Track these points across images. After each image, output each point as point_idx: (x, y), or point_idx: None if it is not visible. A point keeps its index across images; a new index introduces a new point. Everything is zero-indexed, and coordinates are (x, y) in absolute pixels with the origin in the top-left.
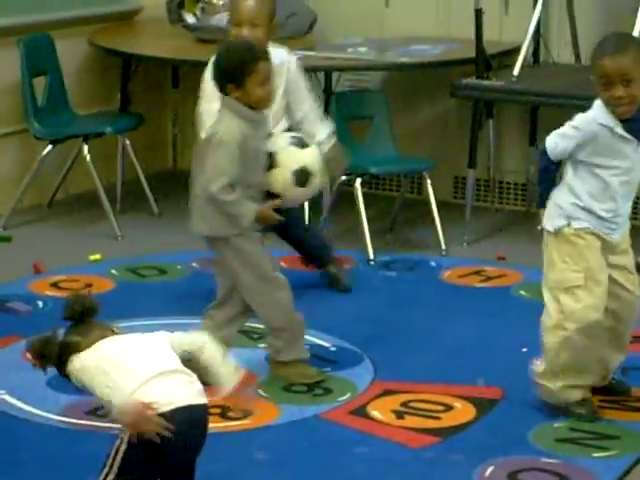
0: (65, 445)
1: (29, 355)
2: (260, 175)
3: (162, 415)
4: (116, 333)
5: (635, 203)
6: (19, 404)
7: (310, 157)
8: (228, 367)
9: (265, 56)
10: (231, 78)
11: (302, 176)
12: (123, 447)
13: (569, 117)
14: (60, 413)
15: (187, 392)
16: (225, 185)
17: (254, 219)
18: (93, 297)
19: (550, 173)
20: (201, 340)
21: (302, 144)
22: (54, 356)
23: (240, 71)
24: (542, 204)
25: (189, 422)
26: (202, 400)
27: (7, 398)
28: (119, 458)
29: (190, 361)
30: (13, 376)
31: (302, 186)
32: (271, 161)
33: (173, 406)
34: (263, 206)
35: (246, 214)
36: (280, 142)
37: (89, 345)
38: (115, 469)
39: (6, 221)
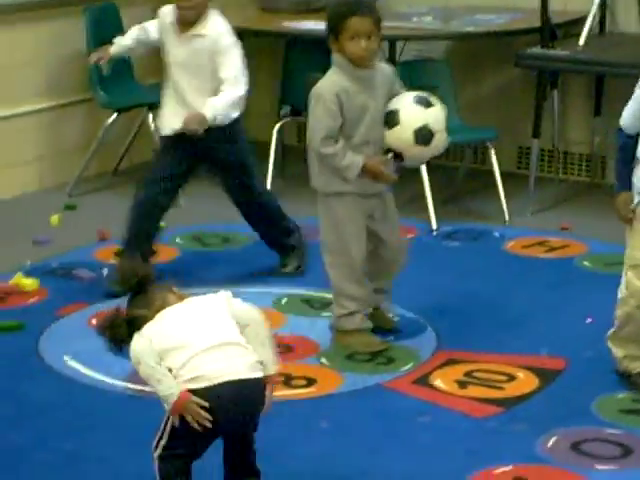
0: (130, 411)
1: (103, 337)
2: (371, 132)
3: (211, 388)
4: (176, 294)
5: None
6: (85, 370)
7: (433, 116)
8: (266, 354)
9: (361, 12)
10: (329, 32)
11: (424, 135)
12: (171, 419)
13: (635, 87)
14: (125, 380)
15: (238, 366)
16: (324, 137)
17: (360, 172)
18: (145, 263)
19: (628, 151)
20: (250, 317)
21: (427, 103)
22: (125, 335)
23: (334, 25)
24: (620, 186)
25: (238, 396)
26: (254, 374)
27: (73, 364)
28: (169, 425)
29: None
30: (79, 342)
31: (424, 145)
32: (393, 118)
33: (222, 380)
34: (371, 159)
35: (350, 166)
36: (404, 100)
37: (153, 315)
38: (167, 435)
39: (72, 189)
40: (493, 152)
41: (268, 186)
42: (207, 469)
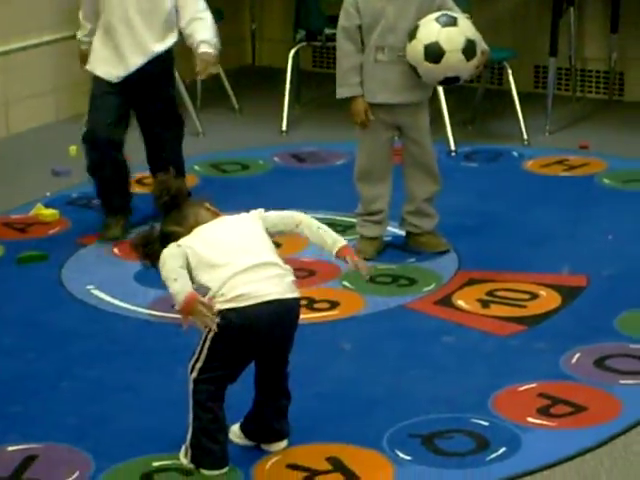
0: (154, 338)
1: (137, 257)
2: (386, 38)
3: (249, 308)
4: (210, 210)
5: None
6: (109, 298)
7: (447, 35)
8: (329, 235)
9: None
10: None
11: (433, 52)
12: (210, 335)
13: None
14: (149, 307)
15: (277, 286)
16: (338, 35)
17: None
18: (178, 179)
19: None
20: (296, 220)
21: (446, 22)
22: (159, 252)
23: None
24: None
25: (275, 316)
26: (290, 294)
27: (97, 292)
28: (206, 346)
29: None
30: (102, 271)
31: (433, 62)
32: (413, 33)
33: (260, 300)
34: (360, 102)
35: (346, 83)
36: (428, 17)
37: (188, 232)
38: (203, 357)
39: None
40: (510, 72)
41: (285, 113)
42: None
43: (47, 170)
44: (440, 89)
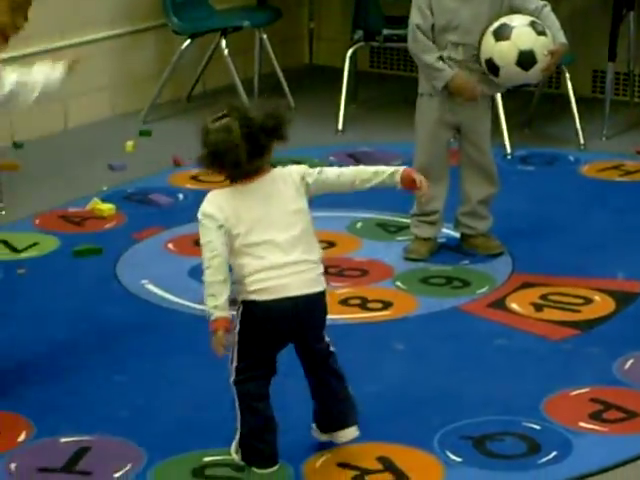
0: (207, 333)
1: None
2: (463, 37)
3: (269, 302)
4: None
5: None
6: (162, 293)
7: (542, 44)
8: (383, 171)
9: None
10: None
11: (527, 59)
12: (237, 330)
13: None
14: (202, 302)
15: (300, 282)
16: (411, 36)
17: (447, 83)
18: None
19: None
20: (350, 180)
21: (540, 31)
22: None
23: None
24: None
25: (295, 310)
26: (315, 289)
27: (151, 287)
28: (236, 345)
29: None
30: (156, 266)
31: (522, 68)
32: (505, 32)
33: (281, 295)
34: (461, 75)
35: (440, 74)
36: (520, 19)
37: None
38: (236, 355)
39: (146, 115)
40: (568, 76)
41: (341, 112)
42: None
43: (104, 165)
44: (498, 93)
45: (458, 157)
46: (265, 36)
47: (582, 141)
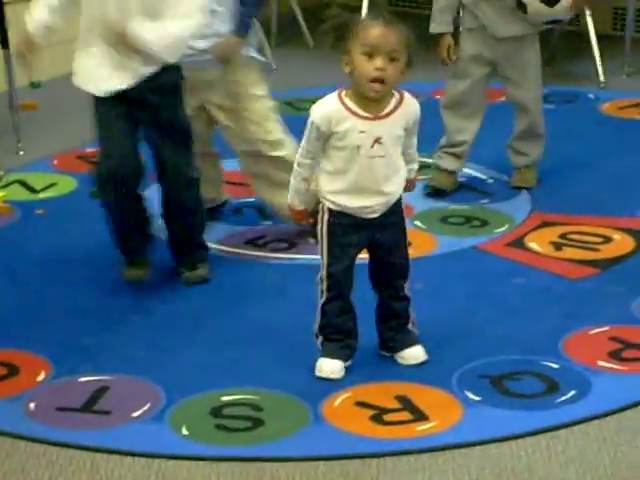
0: (225, 273)
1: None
2: None
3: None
4: None
5: None
6: None
7: None
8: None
9: None
10: None
11: None
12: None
13: None
14: (220, 242)
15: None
16: None
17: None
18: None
19: None
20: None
21: None
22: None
23: None
24: None
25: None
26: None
27: None
28: (325, 228)
29: None
30: None
31: (547, 4)
32: None
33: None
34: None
35: (438, 15)
36: None
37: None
38: (325, 237)
39: None
40: (588, 13)
41: None
42: None
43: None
44: None
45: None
46: None
47: (602, 79)
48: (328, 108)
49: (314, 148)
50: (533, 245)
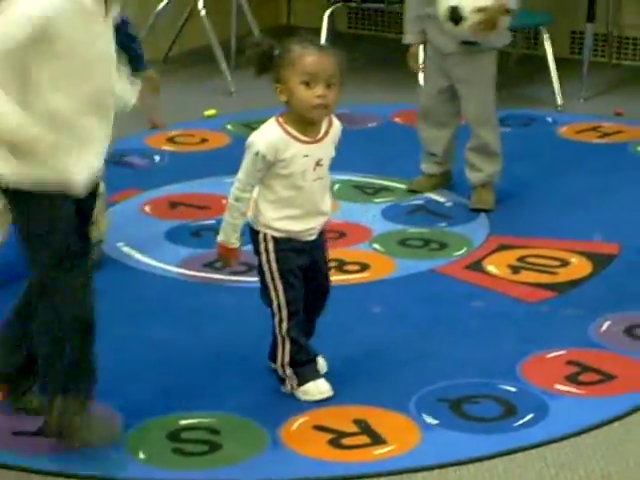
0: (183, 296)
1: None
2: None
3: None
4: None
5: None
6: (138, 255)
7: (470, 1)
8: None
9: None
10: None
11: (453, 14)
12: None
13: None
14: (178, 265)
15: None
16: None
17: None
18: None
19: None
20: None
21: None
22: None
23: None
24: None
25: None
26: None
27: (126, 250)
28: (273, 257)
29: None
30: (132, 228)
31: (453, 23)
32: None
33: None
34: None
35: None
36: None
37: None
38: (274, 266)
39: None
40: (546, 36)
41: None
42: None
43: None
44: None
45: None
46: None
47: (560, 102)
48: (272, 136)
49: (255, 180)
50: (491, 268)
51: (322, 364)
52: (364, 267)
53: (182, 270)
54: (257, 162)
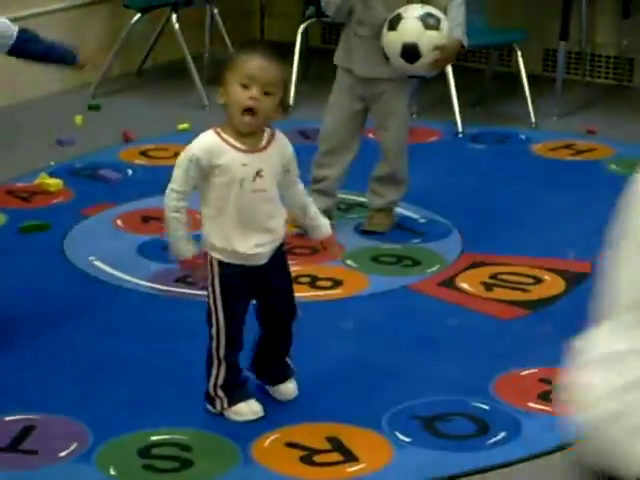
0: (155, 311)
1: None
2: (366, 13)
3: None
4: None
5: None
6: (110, 270)
7: (428, 40)
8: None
9: None
10: None
11: (409, 52)
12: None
13: None
14: (150, 280)
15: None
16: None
17: None
18: None
19: None
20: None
21: (430, 25)
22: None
23: None
24: None
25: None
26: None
27: (98, 264)
28: (217, 281)
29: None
30: (104, 243)
31: (407, 61)
32: (394, 23)
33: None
34: None
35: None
36: (413, 11)
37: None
38: (217, 290)
39: (95, 89)
40: (520, 54)
41: (292, 89)
42: None
43: (52, 139)
44: (450, 70)
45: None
46: (216, 11)
47: (533, 120)
48: (206, 141)
49: (189, 187)
50: (464, 285)
51: (292, 389)
52: (337, 283)
53: (154, 285)
54: (190, 168)
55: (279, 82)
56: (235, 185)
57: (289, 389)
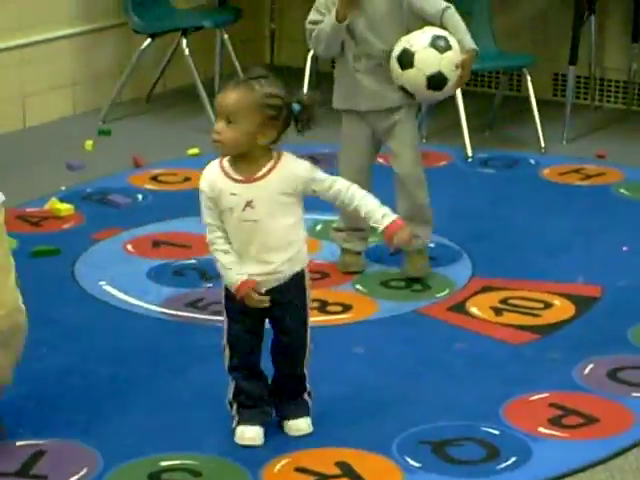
0: (164, 336)
1: None
2: (362, 47)
3: None
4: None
5: None
6: (120, 295)
7: (449, 61)
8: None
9: None
10: None
11: (437, 81)
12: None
13: None
14: (161, 304)
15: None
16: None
17: None
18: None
19: None
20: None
21: (442, 47)
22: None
23: None
24: None
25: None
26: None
27: (109, 289)
28: (223, 304)
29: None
30: (114, 267)
31: (435, 90)
32: (407, 60)
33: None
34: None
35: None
36: (420, 41)
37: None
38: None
39: (105, 115)
40: (529, 79)
41: None
42: None
43: (63, 164)
44: (459, 95)
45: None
46: (226, 36)
47: (543, 144)
48: (209, 172)
49: (213, 219)
50: (474, 310)
51: (303, 426)
52: (347, 308)
53: (164, 309)
54: (204, 200)
55: (243, 109)
56: (226, 213)
57: (299, 425)
